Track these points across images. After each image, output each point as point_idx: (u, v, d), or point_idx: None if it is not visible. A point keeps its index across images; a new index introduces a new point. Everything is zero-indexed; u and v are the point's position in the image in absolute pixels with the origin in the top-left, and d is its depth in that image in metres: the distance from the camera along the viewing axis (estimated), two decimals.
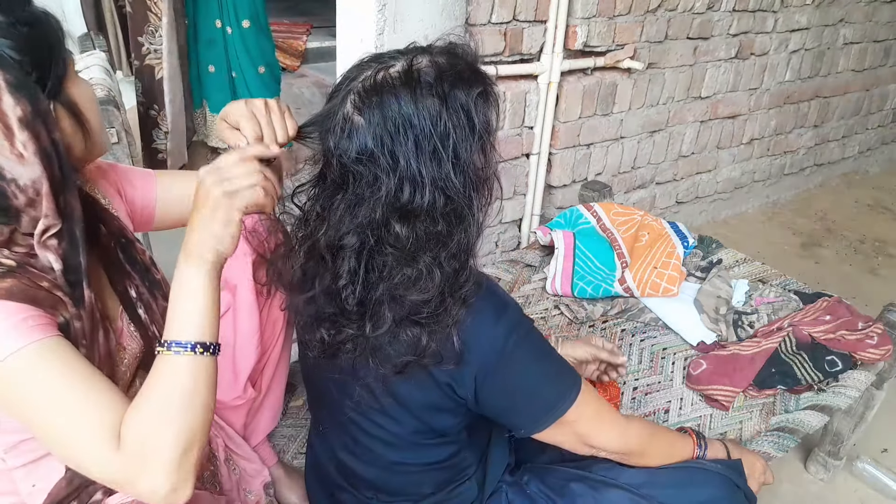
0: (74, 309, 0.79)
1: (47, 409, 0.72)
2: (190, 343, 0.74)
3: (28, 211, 0.76)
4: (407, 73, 0.78)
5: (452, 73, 0.79)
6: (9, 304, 0.72)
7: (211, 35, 2.81)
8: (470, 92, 0.80)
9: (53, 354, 0.73)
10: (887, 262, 3.07)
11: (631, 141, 2.63)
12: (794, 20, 2.92)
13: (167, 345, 0.74)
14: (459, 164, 0.80)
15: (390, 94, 0.77)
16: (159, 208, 1.06)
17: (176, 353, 0.74)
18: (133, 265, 0.96)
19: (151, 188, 1.06)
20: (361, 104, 0.78)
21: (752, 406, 1.54)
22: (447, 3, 1.86)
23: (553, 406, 0.94)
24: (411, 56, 0.80)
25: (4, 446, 0.83)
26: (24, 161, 0.73)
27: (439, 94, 0.78)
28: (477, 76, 0.82)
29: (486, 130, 0.82)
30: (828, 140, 3.61)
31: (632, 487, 1.04)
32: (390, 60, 0.80)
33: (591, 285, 1.84)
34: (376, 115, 0.77)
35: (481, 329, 0.88)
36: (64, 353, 0.74)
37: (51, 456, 0.86)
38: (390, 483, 1.06)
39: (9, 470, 0.86)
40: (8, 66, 0.71)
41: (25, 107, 0.71)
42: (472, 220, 0.84)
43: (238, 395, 1.16)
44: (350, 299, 0.85)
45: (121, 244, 0.95)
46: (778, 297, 1.81)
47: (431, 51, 0.81)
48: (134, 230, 1.03)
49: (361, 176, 0.79)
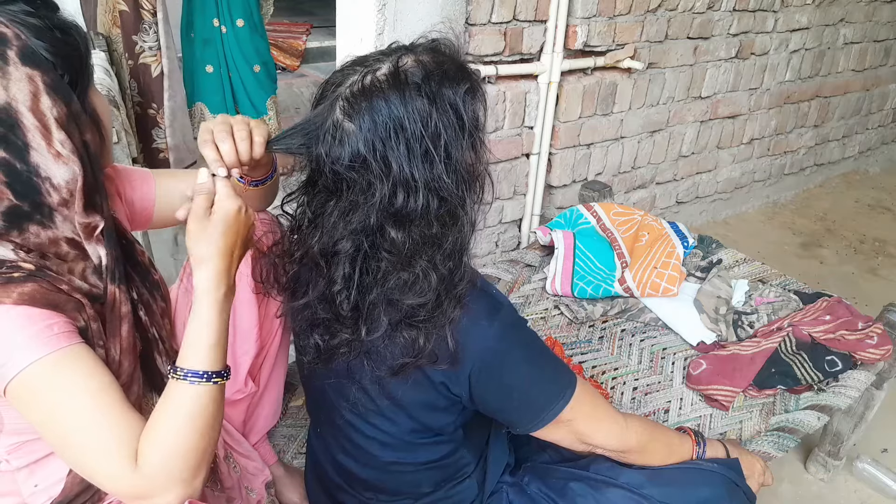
0: (92, 311, 0.81)
1: (65, 419, 0.73)
2: (207, 373, 0.78)
3: (61, 210, 0.77)
4: (394, 74, 0.78)
5: (439, 72, 0.79)
6: (31, 311, 0.73)
7: (208, 35, 2.81)
8: (458, 89, 0.79)
9: (75, 364, 0.75)
10: (887, 262, 3.07)
11: (631, 141, 2.63)
12: (794, 20, 2.92)
13: (184, 374, 0.77)
14: (451, 164, 0.80)
15: (379, 98, 0.77)
16: (158, 208, 1.07)
17: (191, 384, 0.77)
18: (134, 267, 0.97)
19: (150, 189, 1.06)
20: (351, 110, 0.78)
21: (752, 406, 1.54)
22: (447, 3, 1.86)
23: (548, 405, 0.94)
24: (396, 57, 0.80)
25: (7, 447, 0.84)
26: (61, 160, 0.74)
27: (428, 94, 0.77)
28: (463, 73, 0.81)
29: (476, 127, 0.82)
30: (828, 140, 3.61)
31: (632, 487, 1.04)
32: (375, 63, 0.80)
33: (591, 285, 1.84)
34: (367, 120, 0.77)
35: (476, 328, 0.88)
36: (84, 362, 0.76)
37: (53, 456, 0.86)
38: (388, 483, 1.06)
39: (11, 471, 0.86)
40: (46, 67, 0.72)
41: (62, 108, 0.73)
42: (466, 218, 0.84)
43: (238, 389, 1.17)
44: (345, 305, 0.85)
45: (122, 246, 0.96)
46: (778, 297, 1.81)
47: (415, 50, 0.81)
48: (131, 229, 1.03)
49: (355, 182, 0.79)
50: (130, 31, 2.60)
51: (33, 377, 0.72)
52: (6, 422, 0.81)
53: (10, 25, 0.71)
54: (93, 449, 0.74)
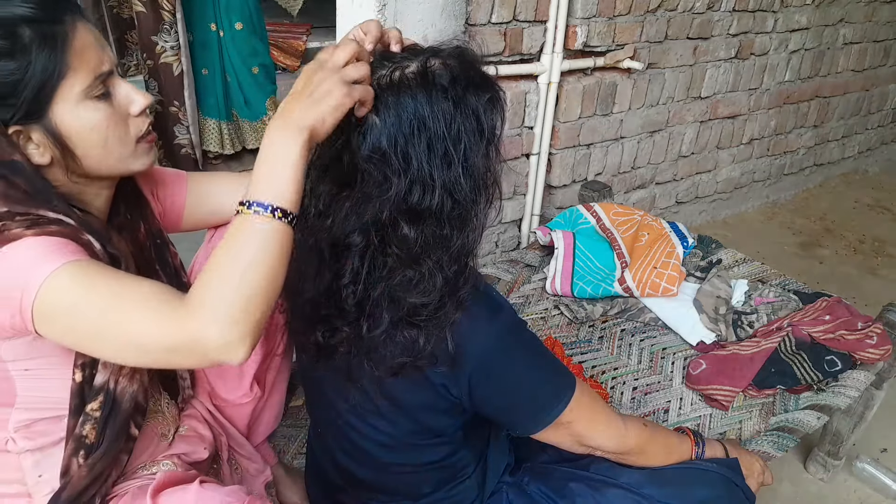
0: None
1: (99, 301, 0.72)
2: (272, 205, 0.72)
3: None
4: (423, 74, 0.78)
5: (465, 78, 0.80)
6: (49, 239, 0.75)
7: (205, 38, 2.82)
8: (480, 97, 0.81)
9: (92, 266, 0.75)
10: (887, 262, 3.07)
11: (631, 141, 2.63)
12: (793, 20, 2.92)
13: (248, 204, 0.72)
14: (468, 168, 0.80)
15: (407, 95, 0.77)
16: (189, 207, 1.08)
17: (255, 213, 0.71)
18: (164, 267, 0.97)
19: (182, 188, 1.07)
20: (377, 102, 0.78)
21: (752, 406, 1.54)
22: (447, 3, 1.87)
23: (547, 407, 0.94)
24: (424, 57, 0.80)
25: (16, 424, 0.84)
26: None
27: (453, 98, 0.78)
28: (486, 82, 0.83)
29: (493, 136, 0.83)
30: (827, 140, 3.61)
31: (631, 487, 1.04)
32: (404, 61, 0.80)
33: (590, 285, 1.84)
34: (392, 114, 0.77)
35: (475, 330, 0.88)
36: (102, 266, 0.76)
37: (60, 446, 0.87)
38: (388, 484, 1.06)
39: (17, 454, 0.86)
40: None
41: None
42: (476, 222, 0.84)
43: (244, 394, 1.17)
44: (350, 299, 0.85)
45: (156, 245, 0.97)
46: (777, 297, 1.81)
47: (441, 53, 0.82)
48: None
49: (371, 175, 0.79)
50: (149, 31, 2.62)
51: (55, 283, 0.72)
52: (19, 393, 0.82)
53: None
54: (131, 312, 0.71)
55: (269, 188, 0.72)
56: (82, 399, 0.85)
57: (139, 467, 0.99)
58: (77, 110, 0.80)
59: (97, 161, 0.84)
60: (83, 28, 0.79)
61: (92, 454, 0.87)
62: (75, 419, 0.85)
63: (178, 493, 0.88)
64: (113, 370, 0.86)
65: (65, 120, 0.79)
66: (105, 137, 0.83)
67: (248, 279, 0.70)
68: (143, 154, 0.89)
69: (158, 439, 1.03)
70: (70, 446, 0.86)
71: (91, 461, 0.86)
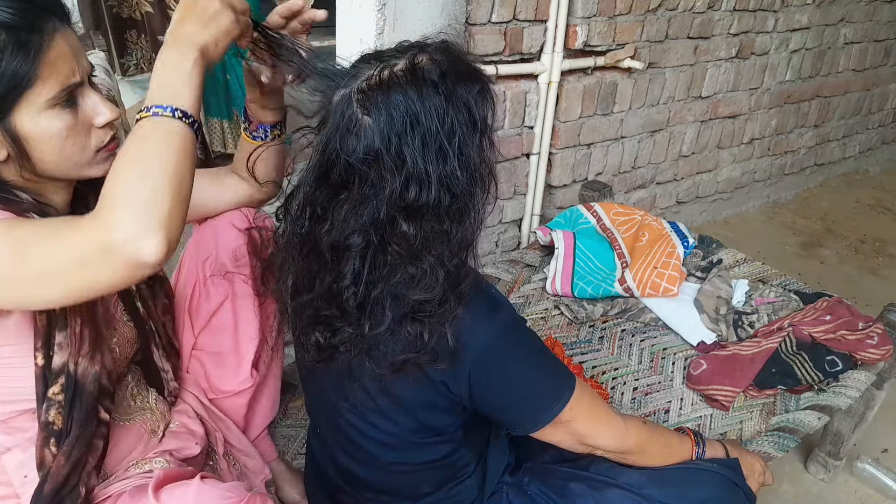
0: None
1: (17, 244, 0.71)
2: (170, 106, 0.74)
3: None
4: (412, 70, 0.78)
5: (453, 72, 0.80)
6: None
7: None
8: (471, 89, 0.81)
9: (23, 220, 0.77)
10: (887, 262, 3.07)
11: (631, 141, 2.63)
12: (794, 20, 2.91)
13: (147, 108, 0.74)
14: (463, 161, 0.80)
15: (397, 93, 0.77)
16: None
17: (154, 115, 0.73)
18: None
19: None
20: (368, 102, 0.78)
21: (753, 406, 1.53)
22: (447, 3, 1.86)
23: (547, 406, 0.94)
24: (412, 54, 0.80)
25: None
26: None
27: (444, 92, 0.78)
28: (475, 74, 0.83)
29: (486, 127, 0.83)
30: (828, 140, 3.61)
31: (632, 487, 1.04)
32: (391, 59, 0.80)
33: (591, 285, 1.84)
34: (383, 114, 0.77)
35: (476, 327, 0.88)
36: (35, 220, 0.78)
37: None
38: (388, 483, 1.06)
39: (0, 455, 0.86)
40: None
41: None
42: (474, 215, 0.84)
43: (244, 379, 1.18)
44: (351, 301, 0.85)
45: None
46: (778, 297, 1.81)
47: (427, 48, 0.82)
48: None
49: (367, 176, 0.79)
50: (157, 31, 2.63)
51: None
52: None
53: None
54: (45, 239, 0.71)
55: (165, 93, 0.74)
56: (46, 384, 0.84)
57: (131, 465, 0.99)
58: (38, 118, 0.79)
59: (52, 165, 0.84)
60: (62, 38, 0.79)
61: (63, 441, 0.85)
62: (42, 406, 0.84)
63: (179, 488, 0.88)
64: (71, 351, 0.85)
65: (24, 124, 0.79)
66: (63, 145, 0.83)
67: (151, 171, 0.70)
68: (101, 162, 0.88)
69: (148, 436, 1.02)
70: (41, 436, 0.85)
71: (66, 449, 0.85)
